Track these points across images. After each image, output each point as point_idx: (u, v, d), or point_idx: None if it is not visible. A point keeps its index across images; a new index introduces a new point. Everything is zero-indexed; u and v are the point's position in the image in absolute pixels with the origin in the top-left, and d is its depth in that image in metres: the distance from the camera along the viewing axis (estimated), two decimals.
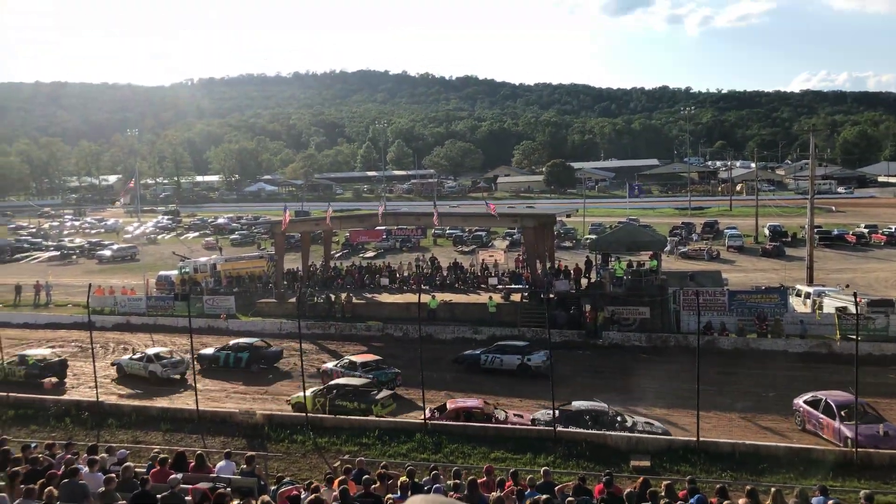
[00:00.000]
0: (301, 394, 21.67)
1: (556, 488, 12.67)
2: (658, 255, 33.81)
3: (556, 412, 19.35)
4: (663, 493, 11.29)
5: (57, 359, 27.07)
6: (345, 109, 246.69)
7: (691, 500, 10.88)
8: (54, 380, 25.92)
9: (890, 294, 34.06)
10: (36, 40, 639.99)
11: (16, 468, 12.78)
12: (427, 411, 20.24)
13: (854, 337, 22.45)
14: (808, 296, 33.21)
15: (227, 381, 26.35)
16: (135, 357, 27.28)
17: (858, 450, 16.82)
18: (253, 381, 26.25)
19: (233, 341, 28.83)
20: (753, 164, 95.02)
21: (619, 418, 19.33)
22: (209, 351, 28.77)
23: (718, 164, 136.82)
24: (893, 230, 56.52)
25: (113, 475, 12.66)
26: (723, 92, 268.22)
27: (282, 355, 28.46)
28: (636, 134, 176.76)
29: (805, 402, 20.33)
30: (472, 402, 20.52)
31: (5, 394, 22.71)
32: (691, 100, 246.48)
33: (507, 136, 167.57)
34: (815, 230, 43.98)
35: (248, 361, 27.45)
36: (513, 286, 36.46)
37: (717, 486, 12.56)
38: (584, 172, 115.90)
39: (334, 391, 21.79)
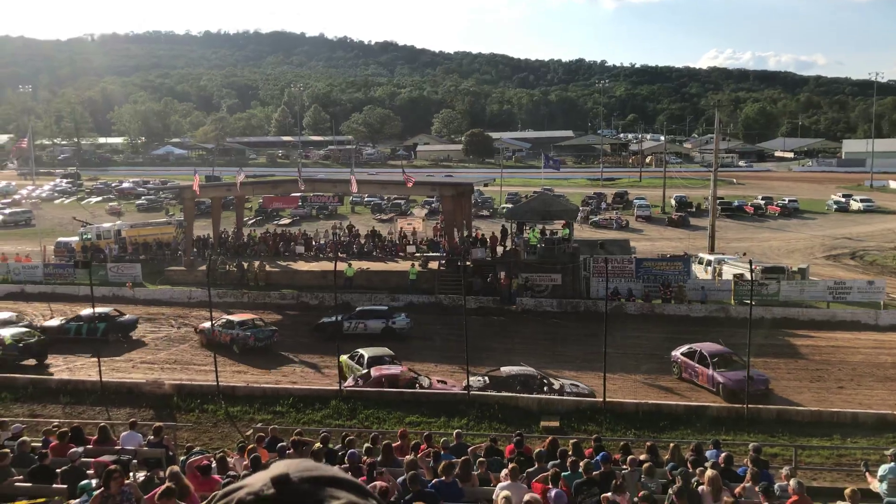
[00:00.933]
0: None
1: (469, 449, 12.97)
2: (570, 224, 34.71)
3: (486, 378, 19.84)
4: (570, 452, 11.75)
5: (35, 338, 24.10)
6: (258, 72, 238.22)
7: (597, 457, 11.37)
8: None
9: (782, 261, 36.37)
10: None
11: None
12: (351, 380, 20.19)
13: (749, 301, 23.91)
14: (709, 263, 34.97)
15: (75, 355, 24.50)
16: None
17: (749, 406, 18.03)
18: (107, 352, 23.79)
19: (84, 311, 26.83)
20: (662, 138, 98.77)
21: (546, 381, 19.90)
22: (54, 322, 27.15)
23: (630, 136, 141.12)
24: (787, 202, 60.15)
25: (7, 450, 12.04)
26: (636, 66, 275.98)
27: (137, 324, 27.48)
28: (553, 105, 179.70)
29: (682, 353, 22.28)
30: (396, 368, 20.58)
31: None
32: (606, 73, 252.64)
33: (426, 103, 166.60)
34: (718, 201, 46.20)
35: (104, 331, 25.13)
36: (431, 254, 36.63)
37: (621, 443, 13.19)
38: (501, 142, 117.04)
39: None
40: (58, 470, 11.40)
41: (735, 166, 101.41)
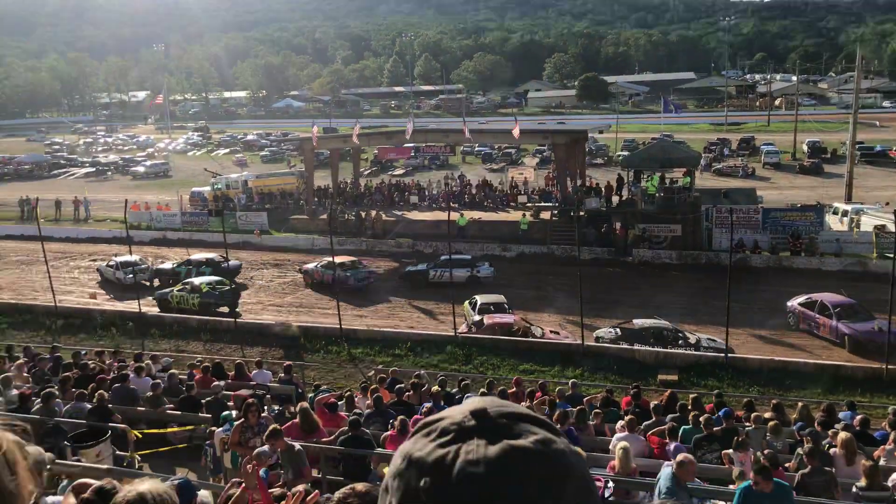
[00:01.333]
0: None
1: (585, 399, 13.02)
2: (692, 172, 33.15)
3: (618, 329, 19.63)
4: (690, 406, 11.53)
5: (228, 287, 25.08)
6: (371, 22, 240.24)
7: (718, 413, 11.11)
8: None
9: None
10: None
11: (66, 373, 13.52)
12: (464, 326, 20.63)
13: (892, 255, 22.09)
14: (845, 213, 32.51)
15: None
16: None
17: (889, 367, 16.87)
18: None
19: (194, 256, 29.46)
20: (794, 78, 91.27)
21: (681, 335, 19.46)
22: (167, 266, 29.43)
23: (758, 77, 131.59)
24: None
25: (159, 381, 13.34)
26: (765, 1, 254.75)
27: (240, 269, 29.17)
28: (673, 46, 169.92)
29: (800, 303, 21.43)
30: (509, 317, 20.67)
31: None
32: (732, 9, 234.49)
33: (538, 48, 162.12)
34: (857, 146, 42.55)
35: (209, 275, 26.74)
36: (542, 204, 36.23)
37: (745, 400, 12.77)
38: (617, 87, 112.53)
39: None
40: (203, 401, 12.53)
41: (878, 107, 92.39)
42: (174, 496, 2.70)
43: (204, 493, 5.51)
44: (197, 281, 24.90)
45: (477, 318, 21.10)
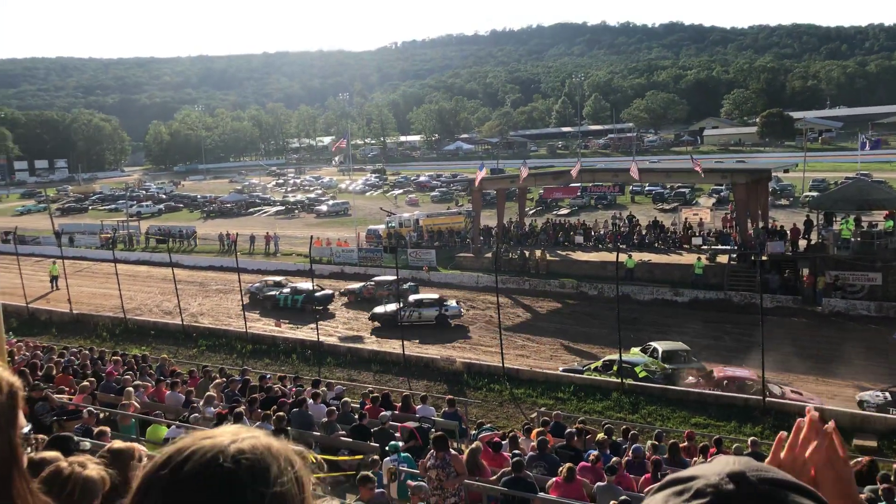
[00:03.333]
0: None
1: (765, 460, 11.96)
2: (894, 215, 29.77)
3: (889, 394, 17.64)
4: (894, 477, 10.19)
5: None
6: (540, 65, 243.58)
7: None
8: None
9: None
10: (261, 13, 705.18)
11: (254, 395, 14.75)
12: (691, 378, 19.58)
13: None
14: None
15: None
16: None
17: None
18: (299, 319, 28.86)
19: (299, 285, 32.06)
20: None
21: None
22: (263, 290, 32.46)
23: None
24: None
25: (333, 408, 14.12)
26: None
27: (332, 298, 31.62)
28: (872, 77, 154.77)
29: None
30: (742, 371, 19.13)
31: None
32: None
33: (715, 84, 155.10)
34: None
35: (302, 302, 30.14)
36: (720, 247, 34.26)
37: None
38: (805, 122, 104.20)
39: None
40: (372, 429, 13.08)
41: None
42: None
43: None
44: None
45: (665, 367, 19.83)
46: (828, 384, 19.99)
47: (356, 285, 33.18)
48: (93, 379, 14.89)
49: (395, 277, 32.12)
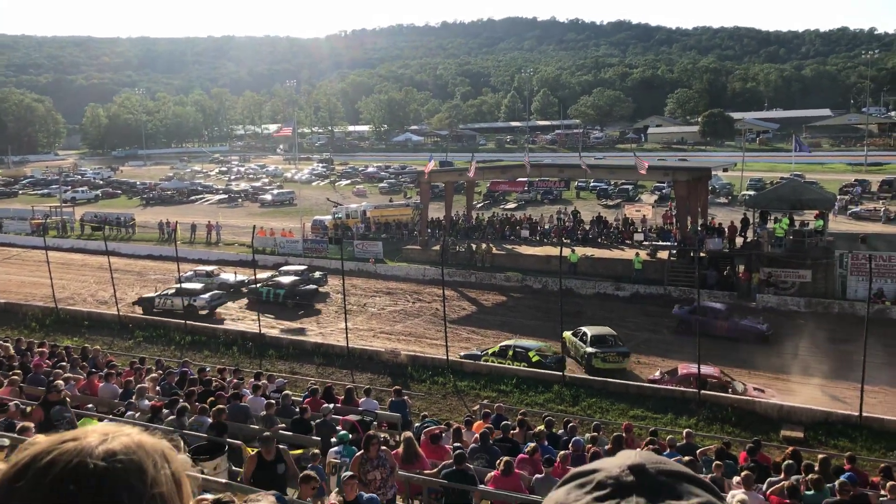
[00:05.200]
0: None
1: (698, 451, 12.34)
2: (825, 215, 31.08)
3: None
4: (817, 468, 10.63)
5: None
6: (490, 58, 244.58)
7: (842, 477, 10.17)
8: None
9: None
10: None
11: (192, 388, 14.40)
12: (658, 373, 19.94)
13: None
14: None
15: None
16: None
17: None
18: (284, 315, 28.27)
19: (277, 278, 31.19)
20: None
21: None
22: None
23: None
24: None
25: (273, 401, 13.90)
26: None
27: (317, 292, 30.59)
28: (807, 81, 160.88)
29: None
30: (708, 369, 19.17)
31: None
32: (875, 42, 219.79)
33: (660, 83, 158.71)
34: None
35: (284, 296, 29.38)
36: (660, 243, 35.12)
37: (881, 465, 11.67)
38: (744, 123, 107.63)
39: None
40: (313, 423, 12.93)
41: None
42: None
43: None
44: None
45: (589, 349, 20.92)
46: (780, 379, 20.65)
47: (263, 276, 31.67)
48: (20, 371, 14.29)
49: (304, 267, 33.08)
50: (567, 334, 22.59)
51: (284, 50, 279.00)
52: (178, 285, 28.71)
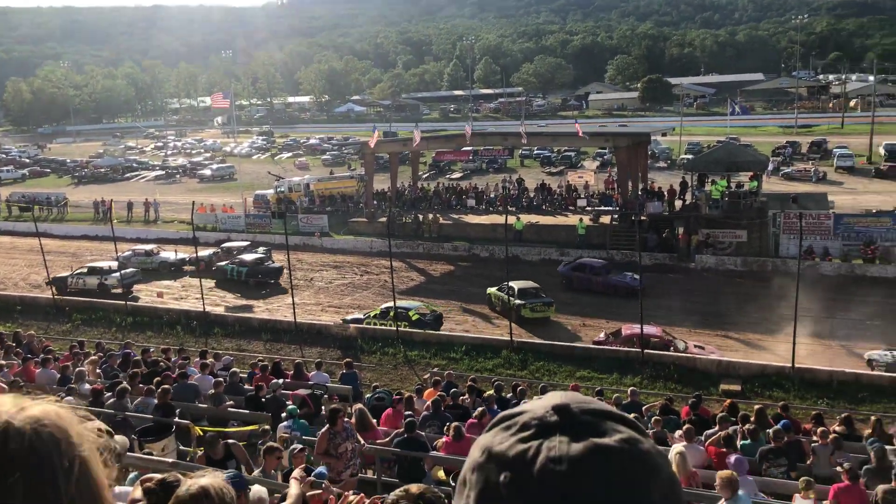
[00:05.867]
0: None
1: (643, 408, 12.76)
2: (759, 177, 32.12)
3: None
4: (753, 418, 11.14)
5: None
6: (432, 26, 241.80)
7: (778, 425, 10.69)
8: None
9: None
10: None
11: (135, 370, 14.07)
12: (602, 335, 20.30)
13: None
14: None
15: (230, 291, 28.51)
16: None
17: None
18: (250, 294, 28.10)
19: (243, 256, 30.73)
20: (872, 78, 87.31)
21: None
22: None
23: (832, 77, 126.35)
24: None
25: (221, 379, 13.71)
26: None
27: (281, 272, 29.33)
28: (741, 46, 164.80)
29: None
30: (651, 329, 19.54)
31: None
32: (805, 7, 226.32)
33: (600, 50, 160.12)
34: None
35: (247, 275, 29.03)
36: (603, 208, 35.76)
37: (812, 412, 12.29)
38: (682, 88, 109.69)
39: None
40: (263, 398, 12.82)
41: None
42: (232, 490, 2.78)
43: (258, 489, 5.63)
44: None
45: (516, 301, 22.31)
46: (719, 336, 21.42)
47: (205, 252, 31.58)
48: None
49: (247, 243, 33.09)
50: (492, 290, 24.37)
51: (219, 19, 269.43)
52: (91, 264, 28.95)
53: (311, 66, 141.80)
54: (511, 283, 23.22)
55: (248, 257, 30.13)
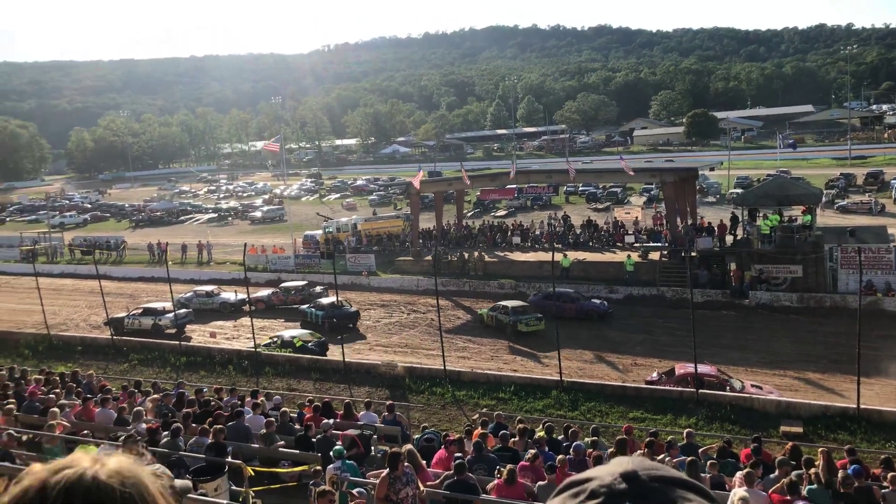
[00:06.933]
0: None
1: (700, 450, 12.35)
2: (812, 210, 31.33)
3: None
4: (818, 462, 10.66)
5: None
6: (474, 68, 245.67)
7: (848, 470, 10.21)
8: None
9: None
10: (188, 17, 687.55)
11: (188, 409, 14.30)
12: (655, 374, 19.98)
13: None
14: None
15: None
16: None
17: None
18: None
19: (322, 300, 30.46)
20: None
21: None
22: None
23: (885, 107, 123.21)
24: None
25: (273, 419, 13.83)
26: (891, 27, 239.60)
27: (358, 316, 29.30)
28: (788, 78, 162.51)
29: None
30: (705, 368, 19.09)
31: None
32: (853, 37, 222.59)
33: (643, 86, 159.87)
34: None
35: (322, 318, 28.59)
36: (651, 244, 35.27)
37: (882, 456, 11.70)
38: (728, 122, 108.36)
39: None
40: (313, 439, 12.86)
41: None
42: None
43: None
44: (287, 335, 25.40)
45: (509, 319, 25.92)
46: (777, 375, 20.71)
47: (265, 293, 32.73)
48: (14, 400, 14.15)
49: (304, 283, 33.24)
50: (483, 310, 27.85)
51: (268, 67, 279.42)
52: (145, 305, 29.89)
53: (357, 109, 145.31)
54: (504, 303, 27.18)
55: (325, 301, 30.02)
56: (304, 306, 30.13)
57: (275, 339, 24.86)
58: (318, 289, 32.48)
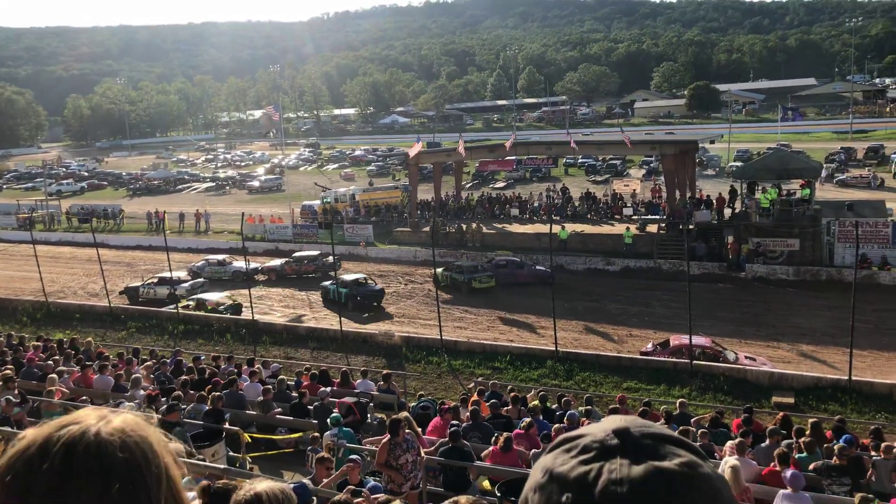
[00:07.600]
0: None
1: (693, 420, 12.51)
2: (811, 184, 31.27)
3: None
4: (808, 432, 10.81)
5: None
6: (475, 37, 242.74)
7: (841, 440, 10.35)
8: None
9: None
10: None
11: (186, 377, 14.42)
12: (650, 345, 20.12)
13: None
14: None
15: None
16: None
17: None
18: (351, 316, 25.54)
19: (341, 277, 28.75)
20: None
21: None
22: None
23: (888, 81, 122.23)
24: None
25: (269, 387, 13.96)
26: None
27: (383, 295, 27.87)
28: (791, 51, 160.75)
29: None
30: (700, 339, 19.11)
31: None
32: (858, 10, 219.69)
33: (645, 57, 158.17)
34: None
35: (346, 297, 26.69)
36: (649, 217, 35.26)
37: (872, 427, 11.86)
38: (729, 95, 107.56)
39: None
40: (310, 406, 13.00)
41: None
42: (291, 497, 2.85)
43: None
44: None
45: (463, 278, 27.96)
46: (771, 347, 20.85)
47: (277, 262, 32.70)
48: (12, 366, 14.26)
49: (318, 252, 32.56)
50: (438, 270, 28.36)
51: (267, 35, 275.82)
52: (161, 275, 29.37)
53: (356, 78, 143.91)
54: (458, 263, 29.96)
55: (348, 278, 28.17)
56: (327, 282, 28.34)
57: (189, 300, 26.51)
58: (331, 259, 31.59)
